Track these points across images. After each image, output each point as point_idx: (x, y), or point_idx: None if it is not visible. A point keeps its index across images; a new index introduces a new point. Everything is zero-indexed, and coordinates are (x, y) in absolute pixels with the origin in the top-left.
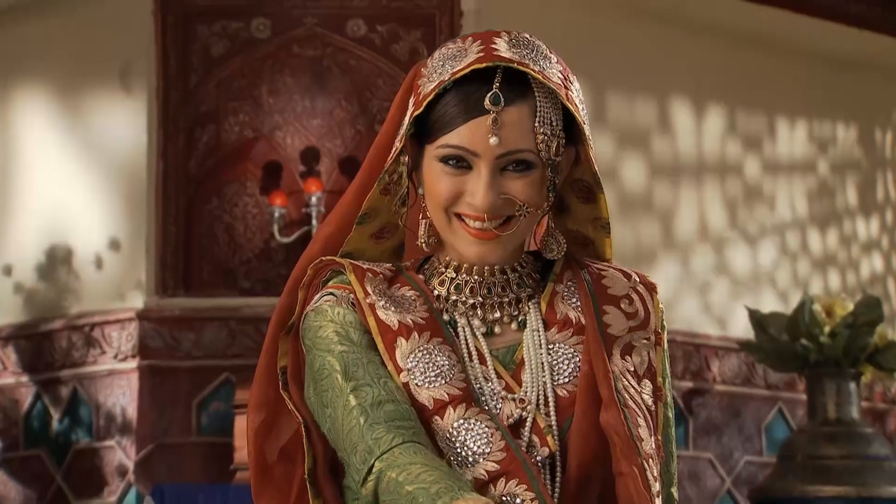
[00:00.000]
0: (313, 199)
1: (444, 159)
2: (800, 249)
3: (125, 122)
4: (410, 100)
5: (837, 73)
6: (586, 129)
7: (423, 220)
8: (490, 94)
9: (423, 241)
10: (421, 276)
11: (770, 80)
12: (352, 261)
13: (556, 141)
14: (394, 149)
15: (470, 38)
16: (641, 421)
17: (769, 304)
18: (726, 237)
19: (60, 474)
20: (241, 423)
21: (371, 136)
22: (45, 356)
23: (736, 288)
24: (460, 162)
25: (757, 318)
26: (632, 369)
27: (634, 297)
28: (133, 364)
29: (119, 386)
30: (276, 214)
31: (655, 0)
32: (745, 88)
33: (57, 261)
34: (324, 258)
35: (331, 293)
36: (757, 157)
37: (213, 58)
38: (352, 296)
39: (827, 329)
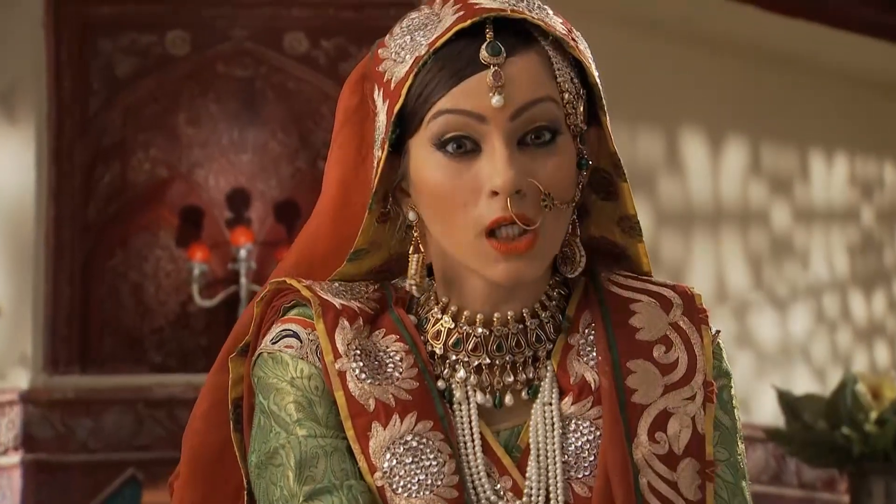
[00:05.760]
0: (242, 253)
1: (442, 142)
2: (839, 316)
3: (8, 157)
4: (376, 93)
5: (883, 99)
6: (602, 93)
7: (415, 255)
8: (486, 44)
9: (413, 282)
10: (413, 318)
11: (802, 107)
12: (321, 294)
13: (581, 102)
14: (376, 160)
15: (439, 1)
16: None
17: (802, 383)
18: (749, 300)
19: None
20: None
21: (314, 175)
22: None
23: (761, 363)
24: (462, 145)
25: (787, 401)
26: (664, 451)
27: (674, 338)
28: (15, 458)
29: None
30: (196, 272)
31: (663, 10)
32: (772, 117)
33: None
34: (288, 280)
35: (294, 335)
36: (786, 202)
37: (119, 78)
38: (319, 346)
39: (874, 415)
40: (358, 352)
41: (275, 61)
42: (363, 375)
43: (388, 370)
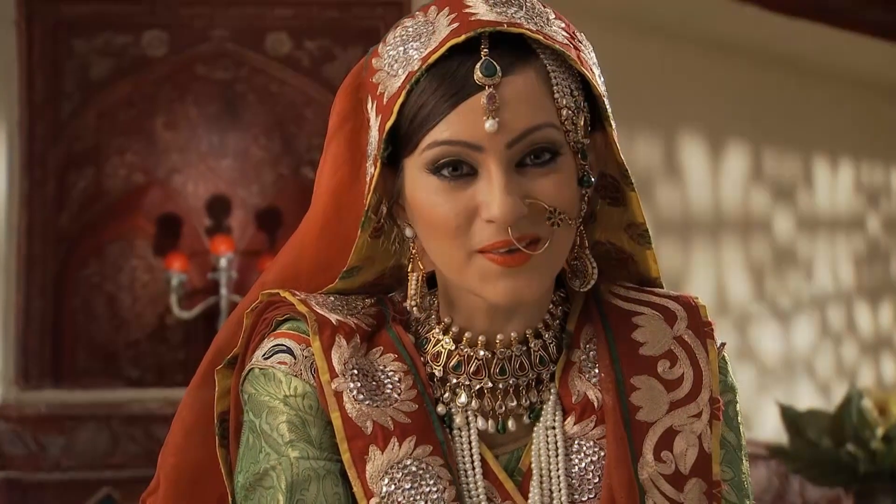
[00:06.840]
0: (222, 262)
1: (437, 167)
2: (844, 329)
3: None
4: (370, 105)
5: (890, 103)
6: (607, 103)
7: (413, 273)
8: (480, 63)
9: (414, 303)
10: (411, 337)
11: (806, 111)
12: (317, 309)
13: (582, 116)
14: (369, 177)
15: (433, 8)
16: None
17: (806, 398)
18: (751, 312)
19: None
20: None
21: (297, 181)
22: None
23: (764, 377)
24: (458, 168)
25: (791, 418)
26: (670, 471)
27: (679, 353)
28: None
29: None
30: (174, 282)
31: (661, 10)
32: (775, 121)
33: None
34: (282, 293)
35: (287, 350)
36: (789, 209)
37: (93, 80)
38: (314, 363)
39: (880, 432)
40: (355, 371)
41: (256, 63)
42: (361, 396)
43: (387, 391)
